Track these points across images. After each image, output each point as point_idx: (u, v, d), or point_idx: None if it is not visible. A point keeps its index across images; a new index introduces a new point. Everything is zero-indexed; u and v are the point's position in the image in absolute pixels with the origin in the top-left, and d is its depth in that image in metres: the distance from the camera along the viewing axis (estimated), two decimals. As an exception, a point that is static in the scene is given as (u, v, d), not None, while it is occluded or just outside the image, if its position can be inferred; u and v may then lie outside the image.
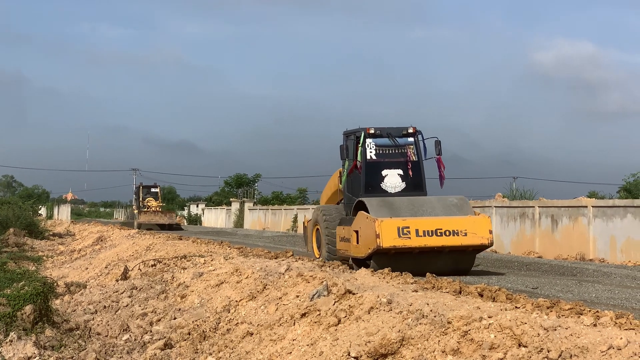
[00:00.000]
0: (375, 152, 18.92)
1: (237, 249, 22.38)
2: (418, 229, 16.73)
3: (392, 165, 18.94)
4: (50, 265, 28.31)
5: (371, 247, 16.75)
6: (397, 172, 18.90)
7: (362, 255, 17.30)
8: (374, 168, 18.86)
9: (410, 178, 18.90)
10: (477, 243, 17.09)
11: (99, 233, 41.92)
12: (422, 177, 19.04)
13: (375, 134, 18.98)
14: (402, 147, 19.07)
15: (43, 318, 12.06)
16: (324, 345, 9.11)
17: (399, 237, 16.62)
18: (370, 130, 18.95)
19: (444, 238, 16.86)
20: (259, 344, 10.47)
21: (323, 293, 10.74)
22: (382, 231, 16.54)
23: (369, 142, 18.92)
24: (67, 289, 17.29)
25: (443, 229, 16.90)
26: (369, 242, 16.86)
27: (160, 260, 20.13)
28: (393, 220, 16.83)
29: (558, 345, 6.94)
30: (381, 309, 9.37)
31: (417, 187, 18.93)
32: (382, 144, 19.04)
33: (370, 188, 18.72)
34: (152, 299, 14.89)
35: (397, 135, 19.08)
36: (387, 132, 19.08)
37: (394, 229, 16.65)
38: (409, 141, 19.14)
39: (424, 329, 8.26)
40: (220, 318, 12.36)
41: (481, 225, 17.18)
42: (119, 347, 11.92)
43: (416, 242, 16.70)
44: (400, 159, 18.98)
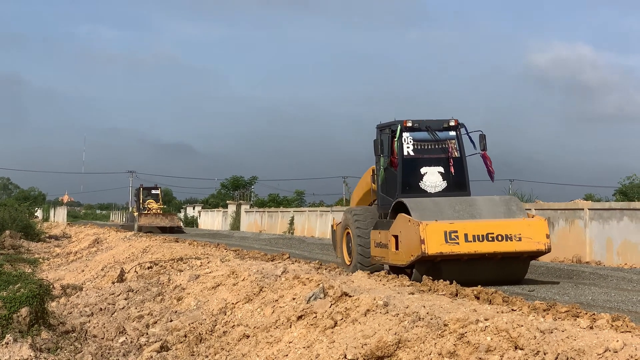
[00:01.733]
0: (413, 148, 17.19)
1: (233, 252, 22.36)
2: (467, 234, 15.05)
3: (432, 162, 17.22)
4: (46, 268, 28.27)
5: (414, 254, 15.10)
6: (438, 169, 17.19)
7: (403, 263, 15.67)
8: (411, 165, 17.15)
9: (452, 176, 17.17)
10: (532, 249, 15.32)
11: (95, 235, 41.88)
12: (465, 175, 17.37)
13: (413, 127, 17.24)
14: (442, 142, 17.38)
15: (39, 320, 12.04)
16: (320, 347, 9.10)
17: (445, 242, 14.91)
18: (407, 122, 17.21)
19: (495, 243, 15.14)
20: (255, 346, 10.46)
21: (319, 295, 10.73)
22: (427, 236, 14.84)
23: (406, 137, 17.18)
24: (63, 292, 17.25)
25: (495, 234, 15.18)
26: (412, 248, 15.22)
27: (156, 262, 20.11)
28: (439, 224, 15.11)
29: (554, 348, 6.94)
30: (377, 311, 9.37)
31: (460, 187, 17.26)
32: (421, 139, 17.32)
33: (407, 188, 17.04)
34: (149, 301, 14.88)
35: (437, 129, 17.35)
36: (426, 125, 17.34)
37: (441, 233, 14.94)
38: (450, 135, 17.43)
39: (421, 331, 8.26)
40: (216, 320, 12.35)
41: (537, 228, 15.46)
42: (115, 349, 11.90)
43: (465, 248, 15.01)
44: (440, 155, 17.28)
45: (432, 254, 14.82)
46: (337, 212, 46.79)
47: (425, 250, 14.76)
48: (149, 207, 57.63)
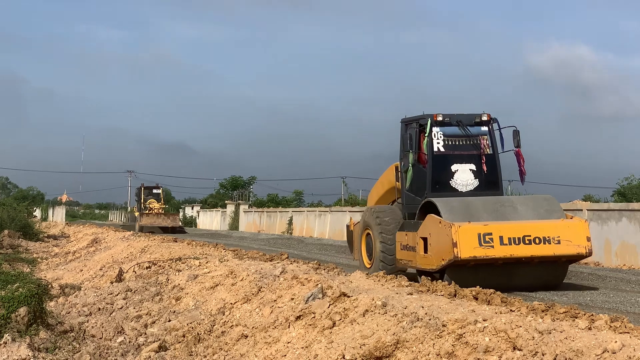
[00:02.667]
0: (444, 144, 16.26)
1: (232, 252, 22.34)
2: (502, 236, 14.23)
3: (463, 159, 16.34)
4: (44, 267, 28.25)
5: (446, 258, 14.29)
6: (469, 167, 16.30)
7: (433, 267, 14.83)
8: (442, 162, 16.25)
9: (484, 174, 16.29)
10: (572, 253, 14.49)
11: (93, 235, 41.83)
12: (498, 173, 16.49)
13: (443, 122, 16.31)
14: (474, 138, 16.45)
15: (37, 320, 12.03)
16: (319, 348, 9.10)
17: (480, 245, 14.09)
18: (437, 117, 16.28)
19: (533, 247, 14.31)
20: (253, 346, 10.46)
21: (318, 296, 10.73)
22: (460, 239, 14.03)
23: (435, 132, 16.27)
24: (62, 291, 17.23)
25: (532, 236, 14.34)
26: (443, 251, 14.39)
27: (155, 262, 20.09)
28: (472, 226, 14.31)
29: (553, 348, 6.94)
30: (376, 311, 9.37)
31: (492, 185, 16.39)
32: (452, 134, 16.39)
33: (437, 186, 16.14)
34: (147, 301, 14.87)
35: (469, 124, 16.48)
36: (456, 120, 16.42)
37: (474, 236, 14.13)
38: (483, 130, 16.54)
39: (419, 332, 8.26)
40: (214, 320, 12.34)
41: (577, 231, 14.58)
42: (113, 349, 11.90)
43: (500, 251, 14.19)
44: (472, 151, 16.39)
45: (465, 258, 14.04)
46: (336, 212, 46.83)
47: (457, 254, 13.97)
48: (150, 207, 57.11)
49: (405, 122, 17.18)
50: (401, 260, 16.32)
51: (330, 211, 47.89)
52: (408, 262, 15.97)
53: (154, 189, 60.57)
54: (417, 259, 15.42)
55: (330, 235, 44.76)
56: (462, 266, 14.27)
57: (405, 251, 16.05)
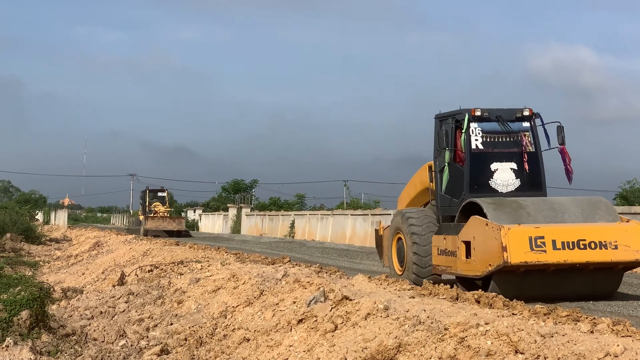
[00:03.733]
0: (482, 140, 15.20)
1: (234, 255, 22.35)
2: (555, 240, 13.11)
3: (504, 157, 15.24)
4: (46, 271, 28.26)
5: (493, 264, 13.20)
6: (510, 165, 15.21)
7: (477, 273, 13.79)
8: (481, 160, 15.20)
9: (526, 174, 15.18)
10: (630, 259, 13.40)
11: (95, 238, 41.86)
12: (541, 172, 15.39)
13: (481, 117, 15.23)
14: (515, 134, 15.37)
15: (39, 323, 12.03)
16: (321, 351, 9.09)
17: (531, 250, 12.98)
18: (475, 111, 15.22)
19: (588, 252, 13.18)
20: (255, 350, 10.45)
21: (320, 299, 10.72)
22: (510, 242, 12.91)
23: (474, 127, 15.20)
24: (64, 295, 17.24)
25: (587, 240, 13.21)
26: (490, 256, 13.30)
27: (157, 265, 20.11)
28: (523, 228, 13.25)
29: (555, 352, 6.94)
30: (378, 315, 9.36)
31: (535, 186, 15.30)
32: (491, 130, 15.33)
33: (476, 186, 15.06)
34: (149, 305, 14.87)
35: (509, 119, 15.38)
36: (496, 115, 15.33)
37: (525, 239, 13.04)
38: (524, 126, 15.45)
39: (421, 335, 8.25)
40: (217, 324, 12.34)
41: (635, 235, 13.49)
42: (115, 352, 11.89)
43: (553, 257, 13.08)
44: (513, 149, 15.31)
45: (515, 263, 12.90)
46: (338, 215, 46.83)
47: (507, 259, 12.83)
48: (155, 210, 56.18)
49: (440, 118, 16.15)
50: (438, 266, 15.27)
51: (332, 214, 47.87)
52: (447, 268, 14.90)
53: (159, 191, 59.50)
54: (457, 265, 14.39)
55: (332, 239, 44.74)
56: (511, 273, 13.28)
57: (443, 256, 14.99)
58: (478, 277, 13.92)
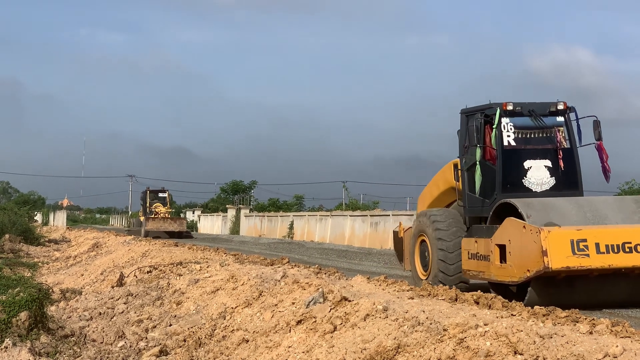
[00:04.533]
0: (515, 136, 14.33)
1: (233, 256, 22.35)
2: (599, 243, 12.23)
3: (537, 154, 14.39)
4: (45, 272, 28.25)
5: (532, 269, 12.32)
6: (544, 163, 14.35)
7: (514, 279, 12.93)
8: (513, 158, 14.32)
9: (561, 171, 14.33)
10: None
11: (94, 239, 41.85)
12: (577, 170, 14.55)
13: (514, 111, 14.34)
14: (549, 130, 14.48)
15: (38, 324, 12.02)
16: (320, 352, 9.09)
17: (573, 254, 12.10)
18: (507, 106, 14.32)
19: (635, 255, 12.27)
20: (254, 350, 10.45)
21: (319, 300, 10.72)
22: (551, 246, 12.03)
23: (505, 123, 14.33)
24: (63, 296, 17.23)
25: (633, 243, 12.30)
26: (528, 261, 12.43)
27: (156, 266, 20.10)
28: (564, 231, 12.38)
29: (554, 353, 6.94)
30: (377, 316, 9.36)
31: (571, 184, 14.46)
32: (523, 125, 14.46)
33: (508, 185, 14.20)
34: (148, 306, 14.86)
35: (542, 114, 14.51)
36: (529, 109, 14.46)
37: (566, 242, 12.17)
38: (558, 121, 14.59)
39: (420, 336, 8.25)
40: (215, 325, 12.34)
41: None
42: (114, 353, 11.89)
43: (597, 261, 12.19)
44: (547, 145, 14.44)
45: (557, 269, 12.09)
46: (337, 216, 46.84)
47: (548, 264, 11.99)
48: (156, 211, 55.58)
49: (467, 113, 15.19)
50: (469, 271, 14.37)
51: (331, 215, 47.89)
52: (478, 273, 14.02)
53: (160, 192, 58.76)
54: (491, 270, 13.52)
55: (331, 240, 44.76)
56: (551, 279, 12.47)
57: (474, 261, 14.10)
58: (514, 284, 13.12)
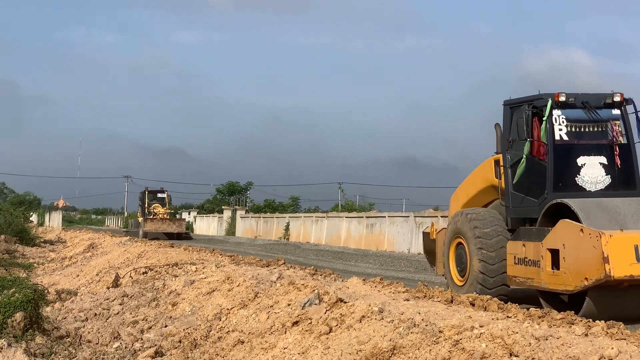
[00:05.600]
0: (567, 130, 13.13)
1: (228, 257, 22.34)
2: None
3: (592, 150, 13.20)
4: (41, 273, 28.21)
5: (590, 277, 11.22)
6: (599, 160, 13.15)
7: (569, 288, 11.77)
8: (566, 154, 13.11)
9: (617, 169, 13.17)
10: None
11: (90, 240, 41.81)
12: (635, 167, 13.34)
13: (566, 103, 13.15)
14: (604, 123, 13.31)
15: (33, 325, 12.01)
16: (315, 353, 9.09)
17: (637, 261, 10.99)
18: (559, 96, 13.11)
19: None
20: (250, 352, 10.45)
21: (314, 301, 10.72)
22: (613, 252, 10.93)
23: (556, 115, 13.11)
24: (58, 296, 17.21)
25: None
26: (586, 268, 11.30)
27: (151, 267, 20.08)
28: (627, 235, 11.30)
29: (549, 355, 6.94)
30: (373, 317, 9.36)
31: (628, 183, 13.24)
32: (576, 118, 13.25)
33: (560, 184, 12.99)
34: (143, 307, 14.85)
35: (597, 106, 13.34)
36: (582, 101, 13.28)
37: (630, 248, 11.06)
38: (614, 114, 13.40)
39: (416, 338, 8.25)
40: (211, 326, 12.33)
41: None
42: (109, 354, 11.88)
43: None
44: (602, 140, 13.28)
45: (619, 277, 10.95)
46: (333, 218, 46.84)
47: (609, 273, 10.89)
48: (154, 212, 54.61)
49: (510, 105, 14.08)
50: (515, 277, 13.20)
51: (327, 217, 47.89)
52: (526, 280, 12.90)
53: (159, 193, 57.56)
54: (541, 277, 12.42)
55: (327, 241, 44.76)
56: (612, 288, 11.38)
57: (522, 266, 12.98)
58: (569, 292, 12.00)
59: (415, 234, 35.52)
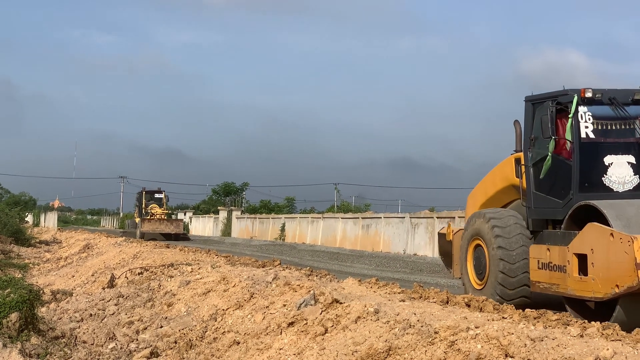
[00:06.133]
0: (593, 128, 12.50)
1: (224, 258, 22.34)
2: None
3: (619, 149, 12.54)
4: (36, 273, 28.19)
5: (622, 285, 10.61)
6: (627, 159, 12.53)
7: (599, 295, 11.18)
8: (592, 152, 12.47)
9: None
10: None
11: (85, 241, 41.78)
12: None
13: (593, 99, 12.53)
14: (632, 120, 12.69)
15: (29, 326, 11.99)
16: (311, 354, 9.09)
17: None
18: (586, 92, 12.50)
19: None
20: (245, 353, 10.44)
21: (310, 302, 10.72)
22: None
23: (582, 112, 12.51)
24: (53, 297, 17.18)
25: None
26: (618, 275, 10.70)
27: (147, 268, 20.06)
28: None
29: (545, 356, 6.95)
30: (368, 318, 9.36)
31: None
32: (603, 115, 12.66)
33: (587, 184, 12.36)
34: (139, 307, 14.83)
35: (625, 102, 12.70)
36: (609, 97, 12.64)
37: None
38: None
39: (411, 338, 8.25)
40: (207, 327, 12.32)
41: None
42: (105, 355, 11.87)
43: None
44: (630, 138, 12.66)
45: None
46: (329, 218, 46.86)
47: None
48: (152, 212, 54.02)
49: (533, 101, 13.49)
50: (539, 282, 12.62)
51: (323, 218, 47.91)
52: (551, 286, 12.30)
53: (156, 193, 56.89)
54: (568, 283, 11.84)
55: (322, 242, 44.78)
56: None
57: (546, 271, 12.39)
58: (598, 300, 11.40)
59: (410, 235, 35.56)
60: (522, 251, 13.25)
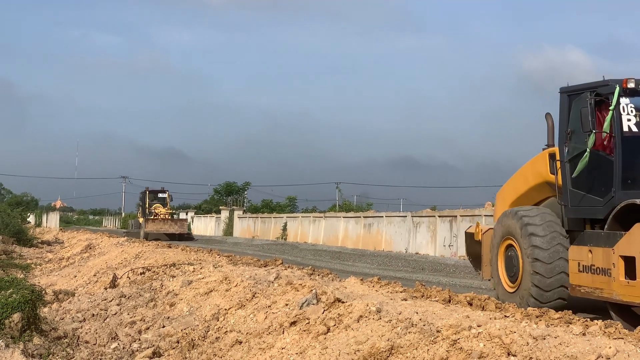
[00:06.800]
0: (637, 121, 11.58)
1: (226, 257, 22.33)
2: None
3: None
4: (38, 273, 28.20)
5: None
6: None
7: None
8: (635, 147, 11.56)
9: None
10: None
11: (87, 241, 41.81)
12: None
13: (635, 90, 11.60)
14: None
15: (31, 326, 11.99)
16: (313, 354, 9.09)
17: None
18: (628, 83, 11.55)
19: None
20: (247, 352, 10.44)
21: (312, 301, 10.72)
22: None
23: (624, 104, 11.59)
24: (56, 297, 17.19)
25: None
26: None
27: (149, 268, 20.07)
28: None
29: (547, 354, 6.94)
30: (370, 317, 9.36)
31: None
32: None
33: (630, 181, 11.40)
34: (141, 307, 14.84)
35: None
36: None
37: None
38: None
39: (413, 337, 8.25)
40: (209, 326, 12.32)
41: None
42: (107, 355, 11.87)
43: None
44: None
45: None
46: (330, 217, 46.85)
47: None
48: (155, 212, 53.34)
49: (569, 92, 12.61)
50: (580, 287, 11.69)
51: (325, 217, 47.91)
52: (594, 290, 11.36)
53: (160, 192, 56.31)
54: (613, 288, 10.85)
55: (324, 241, 44.77)
56: None
57: (588, 274, 11.47)
58: None
59: (412, 233, 35.55)
60: (558, 250, 12.42)
